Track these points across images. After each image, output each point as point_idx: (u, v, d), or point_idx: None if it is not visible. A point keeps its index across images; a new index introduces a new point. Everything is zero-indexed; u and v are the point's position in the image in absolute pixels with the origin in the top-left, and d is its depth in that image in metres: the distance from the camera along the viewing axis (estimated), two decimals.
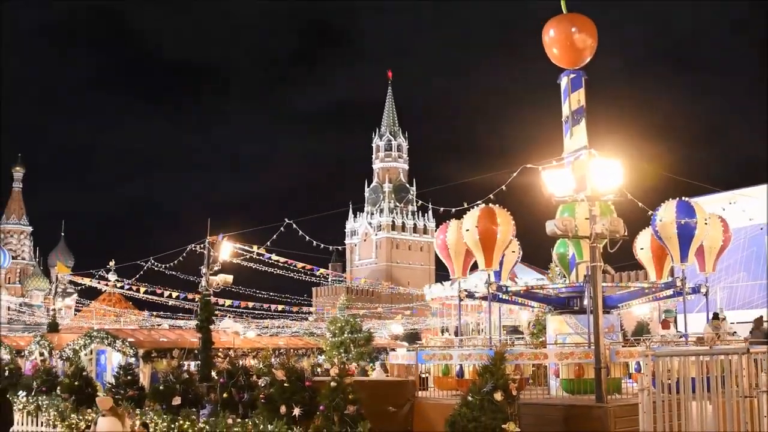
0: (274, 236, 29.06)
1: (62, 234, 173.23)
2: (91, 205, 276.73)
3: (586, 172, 17.02)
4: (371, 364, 33.77)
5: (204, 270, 27.35)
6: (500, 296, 22.13)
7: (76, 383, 25.16)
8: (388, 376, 26.95)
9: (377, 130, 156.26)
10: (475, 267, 22.88)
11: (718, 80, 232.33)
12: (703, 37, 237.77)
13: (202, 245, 27.85)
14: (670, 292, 21.84)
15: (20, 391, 28.34)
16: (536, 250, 31.96)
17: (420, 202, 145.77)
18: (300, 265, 35.24)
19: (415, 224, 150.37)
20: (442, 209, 23.14)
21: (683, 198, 20.81)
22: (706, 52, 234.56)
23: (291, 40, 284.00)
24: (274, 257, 31.09)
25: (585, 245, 19.14)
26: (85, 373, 26.48)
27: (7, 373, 31.78)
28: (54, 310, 48.56)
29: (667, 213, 20.44)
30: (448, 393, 19.78)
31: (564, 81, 21.17)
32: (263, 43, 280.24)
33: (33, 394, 27.54)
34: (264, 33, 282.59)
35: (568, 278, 23.40)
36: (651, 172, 21.87)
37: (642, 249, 22.73)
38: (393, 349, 30.53)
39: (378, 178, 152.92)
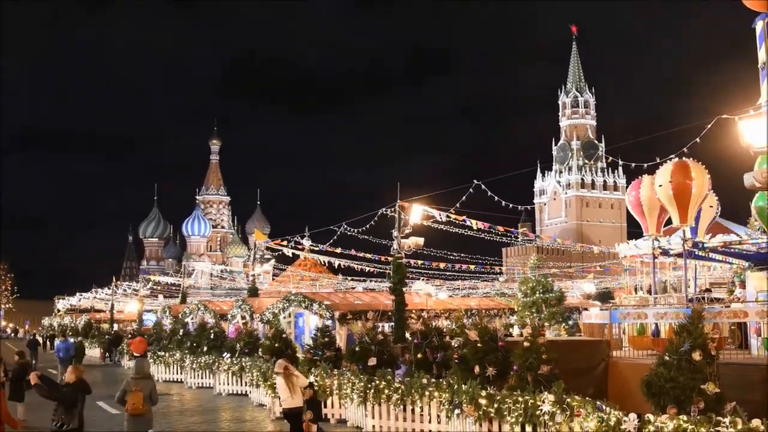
0: (464, 197, 29.04)
1: (258, 203, 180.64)
2: (284, 181, 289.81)
3: None
4: (563, 324, 33.43)
5: (395, 233, 27.77)
6: (696, 253, 21.48)
7: (276, 345, 26.14)
8: (580, 335, 26.68)
9: (563, 86, 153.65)
10: (669, 223, 22.29)
11: None
12: None
13: (392, 209, 28.23)
14: None
15: (225, 353, 29.85)
16: (734, 205, 30.78)
17: (609, 158, 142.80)
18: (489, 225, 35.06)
19: (605, 181, 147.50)
20: (633, 165, 22.63)
21: None
22: None
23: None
24: (466, 219, 31.10)
25: None
26: (284, 336, 27.44)
27: (212, 336, 33.39)
28: (253, 275, 50.63)
29: None
30: (644, 353, 19.45)
31: (759, 25, 20.08)
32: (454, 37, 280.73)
33: (237, 355, 28.93)
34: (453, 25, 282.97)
35: None
36: None
37: None
38: (585, 309, 30.09)
39: (565, 135, 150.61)
